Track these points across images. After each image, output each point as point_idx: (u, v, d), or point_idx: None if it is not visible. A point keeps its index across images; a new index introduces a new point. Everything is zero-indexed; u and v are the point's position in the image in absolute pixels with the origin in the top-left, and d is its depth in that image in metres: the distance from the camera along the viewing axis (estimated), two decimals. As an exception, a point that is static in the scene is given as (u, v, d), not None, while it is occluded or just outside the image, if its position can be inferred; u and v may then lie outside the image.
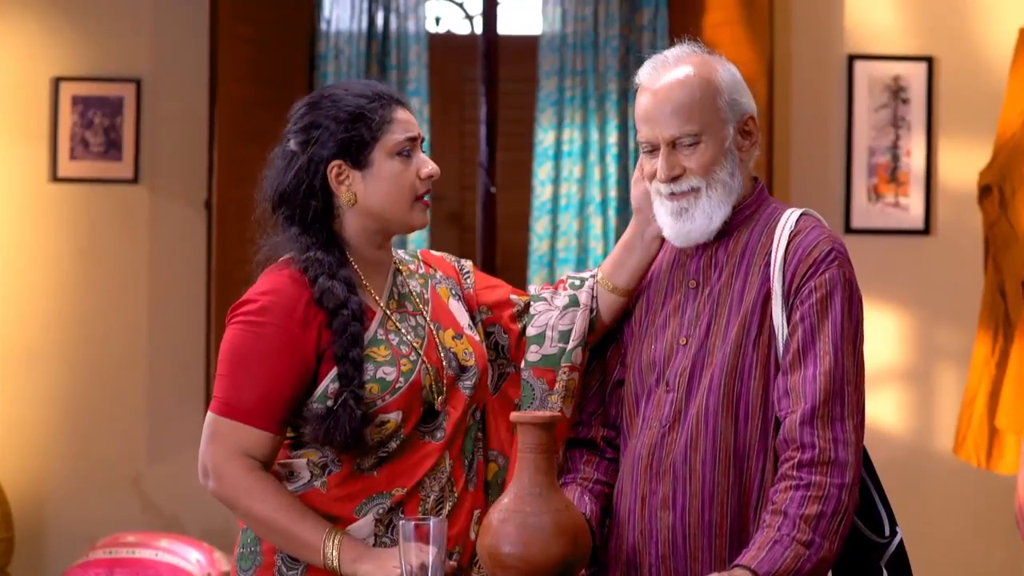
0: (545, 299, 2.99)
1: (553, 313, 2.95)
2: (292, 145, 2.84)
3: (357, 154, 2.80)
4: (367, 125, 2.79)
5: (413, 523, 2.54)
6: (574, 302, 2.95)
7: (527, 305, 3.01)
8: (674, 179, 2.72)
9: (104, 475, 5.75)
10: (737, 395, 2.67)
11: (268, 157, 2.89)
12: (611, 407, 2.87)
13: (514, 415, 2.59)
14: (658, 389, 2.75)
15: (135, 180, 5.76)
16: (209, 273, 5.67)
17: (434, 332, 2.87)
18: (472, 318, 2.98)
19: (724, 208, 2.73)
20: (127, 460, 5.76)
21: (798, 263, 2.68)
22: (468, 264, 3.08)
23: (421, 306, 2.90)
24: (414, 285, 2.93)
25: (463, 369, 2.88)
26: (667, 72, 2.74)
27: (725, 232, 2.76)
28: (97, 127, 5.73)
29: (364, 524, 2.78)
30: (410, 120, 2.85)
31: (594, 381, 2.91)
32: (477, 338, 2.95)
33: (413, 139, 2.84)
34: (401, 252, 3.00)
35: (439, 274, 3.01)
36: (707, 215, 2.72)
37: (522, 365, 2.96)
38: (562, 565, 2.53)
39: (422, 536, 2.53)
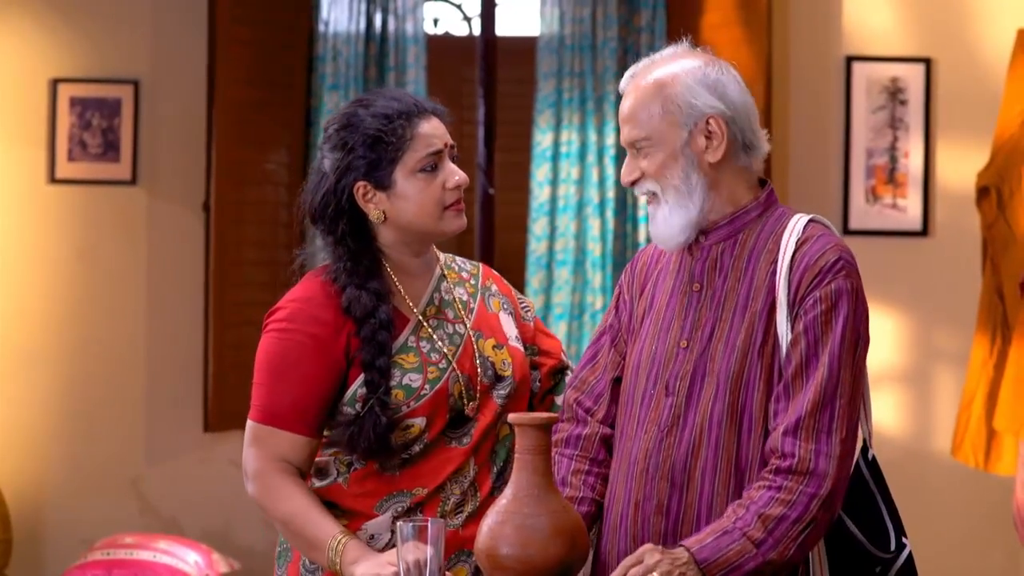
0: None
1: None
2: (323, 163, 2.89)
3: (379, 176, 2.83)
4: (385, 148, 2.82)
5: (411, 524, 2.55)
6: None
7: (564, 369, 3.07)
8: (634, 183, 2.72)
9: (102, 477, 5.75)
10: (741, 405, 2.63)
11: (309, 172, 2.95)
12: (613, 404, 2.83)
13: (512, 416, 2.59)
14: (655, 391, 2.71)
15: (133, 182, 5.76)
16: (207, 275, 5.67)
17: (473, 340, 2.90)
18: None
19: (682, 212, 2.68)
20: (125, 462, 5.76)
21: (804, 272, 2.64)
22: (531, 303, 3.13)
23: (463, 314, 2.93)
24: (460, 293, 2.96)
25: (499, 378, 2.91)
26: (636, 75, 2.74)
27: (729, 235, 2.71)
28: (95, 129, 5.73)
29: (383, 521, 2.82)
30: (434, 133, 2.86)
31: (592, 376, 2.86)
32: (521, 350, 2.98)
33: (437, 152, 2.85)
34: (459, 260, 3.04)
35: (495, 287, 3.04)
36: (665, 219, 2.69)
37: None
38: (560, 566, 2.53)
39: (420, 537, 2.54)
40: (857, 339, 2.63)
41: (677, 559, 2.51)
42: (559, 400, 3.03)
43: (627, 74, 2.76)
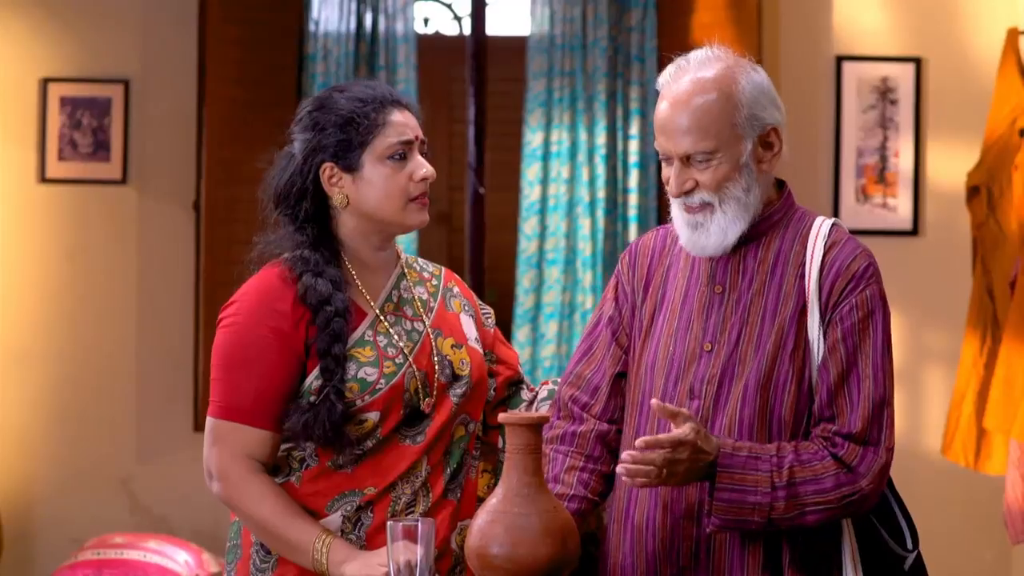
0: (524, 401, 3.05)
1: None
2: (292, 146, 2.89)
3: (347, 158, 2.83)
4: (357, 129, 2.82)
5: (401, 524, 2.54)
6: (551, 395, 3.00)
7: (520, 381, 3.06)
8: (686, 193, 2.67)
9: (93, 476, 5.74)
10: (771, 409, 2.63)
11: (275, 157, 2.94)
12: (612, 399, 2.80)
13: (502, 416, 2.59)
14: (677, 394, 2.68)
15: (123, 181, 5.75)
16: (197, 274, 5.67)
17: (431, 338, 2.89)
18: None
19: (740, 223, 2.67)
20: (116, 461, 5.76)
21: (836, 277, 2.66)
22: (491, 311, 3.11)
23: (423, 312, 2.91)
24: (420, 292, 2.95)
25: (456, 377, 2.89)
26: (686, 81, 2.67)
27: (752, 237, 2.70)
28: (85, 128, 5.73)
29: (333, 520, 2.80)
30: (407, 123, 2.87)
31: (587, 370, 2.82)
32: (480, 352, 2.96)
33: (408, 142, 2.86)
34: (421, 261, 3.03)
35: (456, 289, 3.03)
36: (722, 230, 2.67)
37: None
38: (550, 566, 2.53)
39: (410, 536, 2.53)
40: (889, 345, 2.68)
41: (701, 457, 2.52)
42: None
43: (668, 77, 2.71)
